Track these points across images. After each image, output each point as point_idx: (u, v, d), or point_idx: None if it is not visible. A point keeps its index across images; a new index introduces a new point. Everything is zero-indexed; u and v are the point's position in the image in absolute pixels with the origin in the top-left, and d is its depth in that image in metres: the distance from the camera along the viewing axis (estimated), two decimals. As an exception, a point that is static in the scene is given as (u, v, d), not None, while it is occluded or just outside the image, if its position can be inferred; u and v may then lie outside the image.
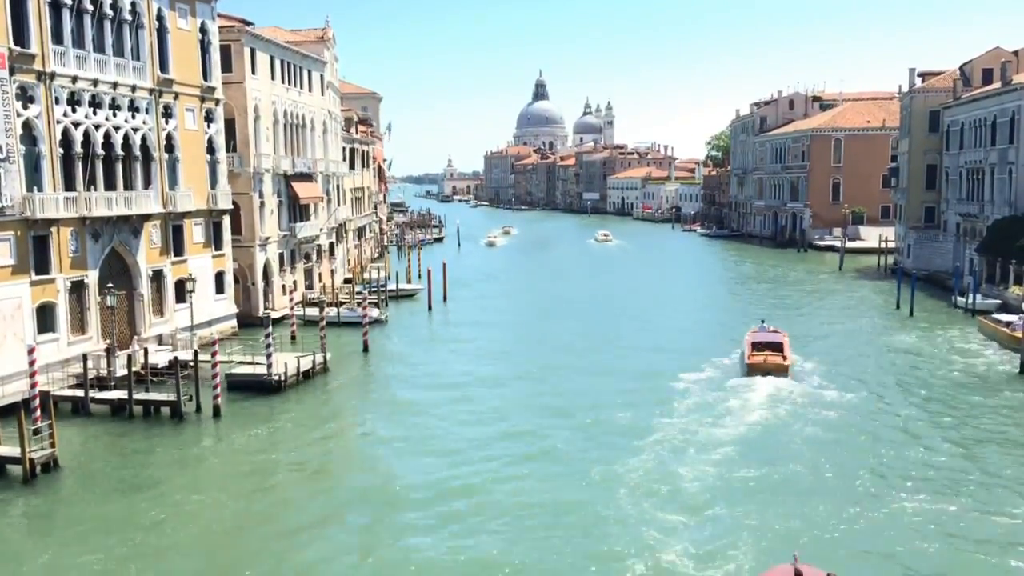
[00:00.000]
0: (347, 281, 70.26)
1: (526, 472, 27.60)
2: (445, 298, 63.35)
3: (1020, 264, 53.14)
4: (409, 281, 70.74)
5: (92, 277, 38.73)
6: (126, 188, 41.22)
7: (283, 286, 57.14)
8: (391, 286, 65.67)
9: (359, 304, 52.81)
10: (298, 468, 28.89)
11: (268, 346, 37.66)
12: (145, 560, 22.11)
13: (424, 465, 28.58)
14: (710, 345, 46.11)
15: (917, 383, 38.35)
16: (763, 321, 44.64)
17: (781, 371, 37.61)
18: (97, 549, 22.78)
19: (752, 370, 37.87)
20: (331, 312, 51.94)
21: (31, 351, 31.57)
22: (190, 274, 44.05)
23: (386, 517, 24.63)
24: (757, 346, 39.61)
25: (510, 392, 37.89)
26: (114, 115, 40.23)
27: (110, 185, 40.32)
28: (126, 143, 41.15)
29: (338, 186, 72.14)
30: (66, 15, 37.25)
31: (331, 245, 68.90)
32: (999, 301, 54.09)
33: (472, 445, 30.47)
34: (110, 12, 39.64)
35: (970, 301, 54.82)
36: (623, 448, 29.34)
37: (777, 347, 39.37)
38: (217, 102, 48.52)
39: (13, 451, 27.39)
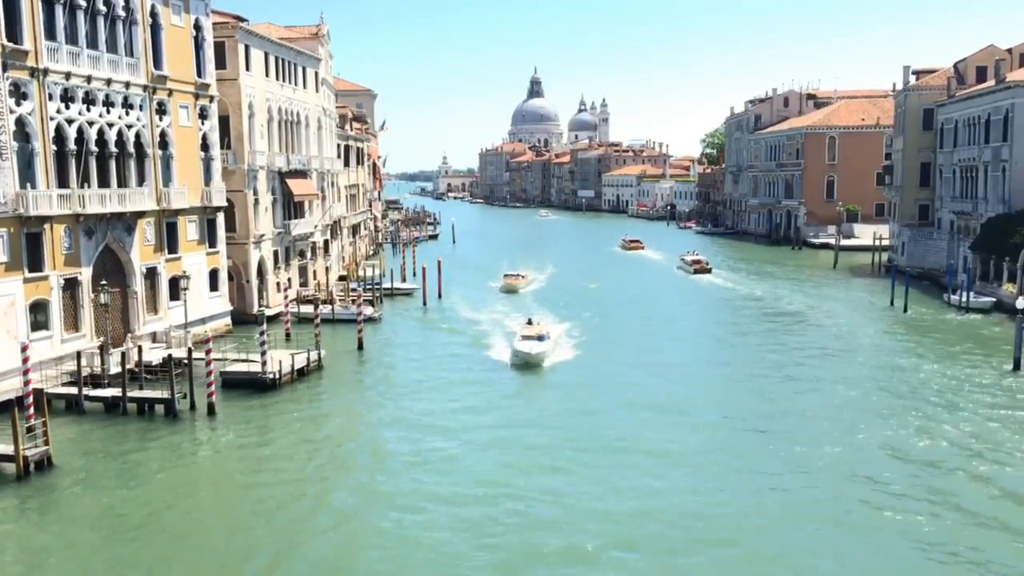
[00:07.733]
0: (342, 278, 70.12)
1: (524, 475, 27.54)
2: (440, 295, 63.32)
3: (1014, 262, 53.27)
4: (404, 279, 70.62)
5: (86, 274, 38.61)
6: (120, 185, 41.09)
7: (277, 283, 57.02)
8: (386, 283, 65.59)
9: (354, 301, 52.71)
10: (292, 466, 28.79)
11: (262, 344, 37.57)
12: (139, 557, 22.06)
13: (419, 463, 28.52)
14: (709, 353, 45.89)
15: (914, 381, 38.38)
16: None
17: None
18: (90, 547, 22.76)
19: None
20: (325, 310, 51.86)
21: (24, 348, 31.40)
22: (184, 271, 43.95)
23: (380, 515, 24.61)
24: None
25: (507, 391, 37.84)
26: (108, 112, 40.10)
27: (104, 182, 40.16)
28: (120, 140, 41.00)
29: (333, 183, 72.07)
30: (59, 11, 37.05)
31: (326, 242, 68.78)
32: (993, 299, 54.26)
33: (467, 445, 30.45)
34: (103, 8, 39.46)
35: (964, 299, 54.98)
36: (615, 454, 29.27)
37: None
38: (211, 99, 48.38)
39: (7, 449, 27.35)
